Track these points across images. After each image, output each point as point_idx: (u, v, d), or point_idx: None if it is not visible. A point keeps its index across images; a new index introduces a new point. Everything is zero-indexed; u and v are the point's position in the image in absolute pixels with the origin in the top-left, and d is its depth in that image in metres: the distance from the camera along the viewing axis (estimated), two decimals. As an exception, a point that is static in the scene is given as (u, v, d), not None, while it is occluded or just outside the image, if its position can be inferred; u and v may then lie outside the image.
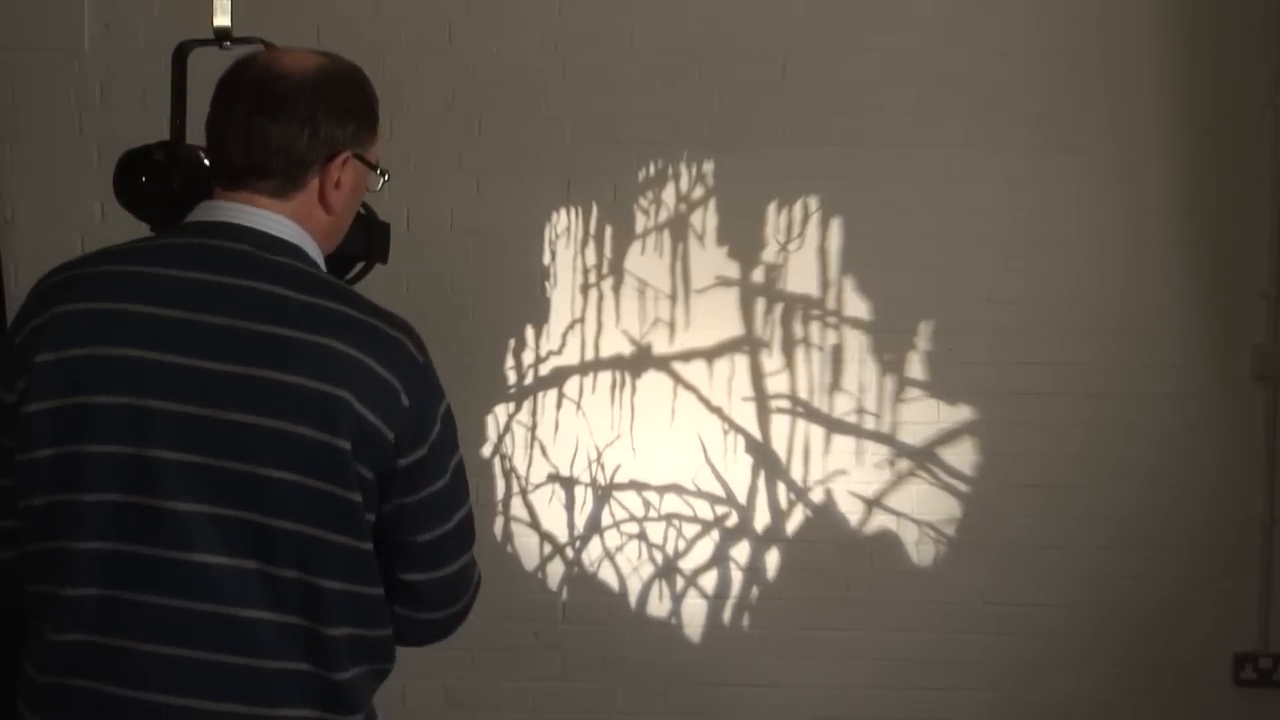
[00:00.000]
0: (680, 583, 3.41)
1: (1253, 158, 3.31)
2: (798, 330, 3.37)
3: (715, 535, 3.40)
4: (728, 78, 3.33)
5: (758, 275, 3.37)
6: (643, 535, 3.40)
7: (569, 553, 3.40)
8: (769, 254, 3.36)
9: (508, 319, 3.38)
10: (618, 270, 3.37)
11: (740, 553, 3.40)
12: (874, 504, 3.38)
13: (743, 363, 3.38)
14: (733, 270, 3.37)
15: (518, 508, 3.40)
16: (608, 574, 3.40)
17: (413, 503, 1.47)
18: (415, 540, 1.49)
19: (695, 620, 3.41)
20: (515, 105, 3.35)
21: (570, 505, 3.40)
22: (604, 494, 3.39)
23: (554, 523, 3.40)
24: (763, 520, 3.39)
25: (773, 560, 3.39)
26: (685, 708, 3.40)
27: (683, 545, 3.40)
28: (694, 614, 3.41)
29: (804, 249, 3.36)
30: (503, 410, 3.39)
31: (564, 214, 3.37)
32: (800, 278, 3.36)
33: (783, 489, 3.38)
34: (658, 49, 3.33)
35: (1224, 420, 3.33)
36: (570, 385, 3.39)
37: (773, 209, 3.36)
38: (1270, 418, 3.33)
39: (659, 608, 3.41)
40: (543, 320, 3.39)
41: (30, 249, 3.30)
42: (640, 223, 3.37)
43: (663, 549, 3.40)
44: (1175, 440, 3.33)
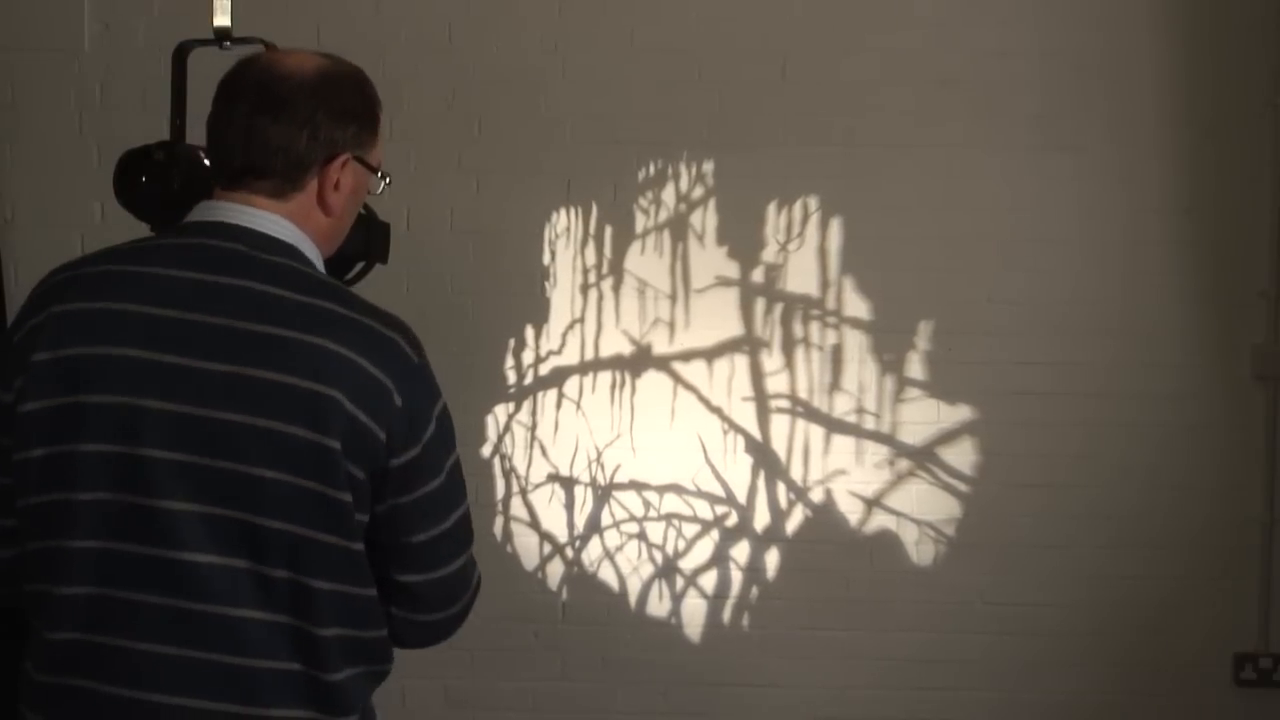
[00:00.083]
0: (680, 583, 3.41)
1: (1253, 158, 3.31)
2: (798, 330, 3.37)
3: (715, 535, 3.40)
4: (728, 78, 3.33)
5: (758, 275, 3.37)
6: (642, 535, 3.40)
7: (569, 553, 3.40)
8: (769, 254, 3.37)
9: (508, 319, 3.38)
10: (618, 270, 3.37)
11: (740, 553, 3.40)
12: (874, 504, 3.38)
13: (742, 363, 3.38)
14: (733, 270, 3.37)
15: (517, 508, 3.40)
16: (607, 574, 3.40)
17: (407, 503, 1.47)
18: (410, 541, 1.49)
19: (695, 620, 3.41)
20: (515, 105, 3.35)
21: (570, 505, 3.40)
22: (604, 494, 3.39)
23: (554, 523, 3.40)
24: (762, 520, 3.39)
25: (772, 560, 3.39)
26: (685, 708, 3.40)
27: (682, 545, 3.40)
28: (694, 614, 3.41)
29: (804, 249, 3.36)
30: (502, 410, 3.39)
31: (564, 214, 3.37)
32: (800, 278, 3.37)
33: (782, 489, 3.38)
34: (658, 49, 3.33)
35: (1224, 420, 3.33)
36: (570, 385, 3.39)
37: (773, 209, 3.36)
38: (1270, 418, 3.33)
39: (659, 608, 3.41)
40: (543, 320, 3.39)
41: (30, 249, 3.31)
42: (640, 223, 3.37)
43: (662, 549, 3.40)
44: (1175, 440, 3.33)
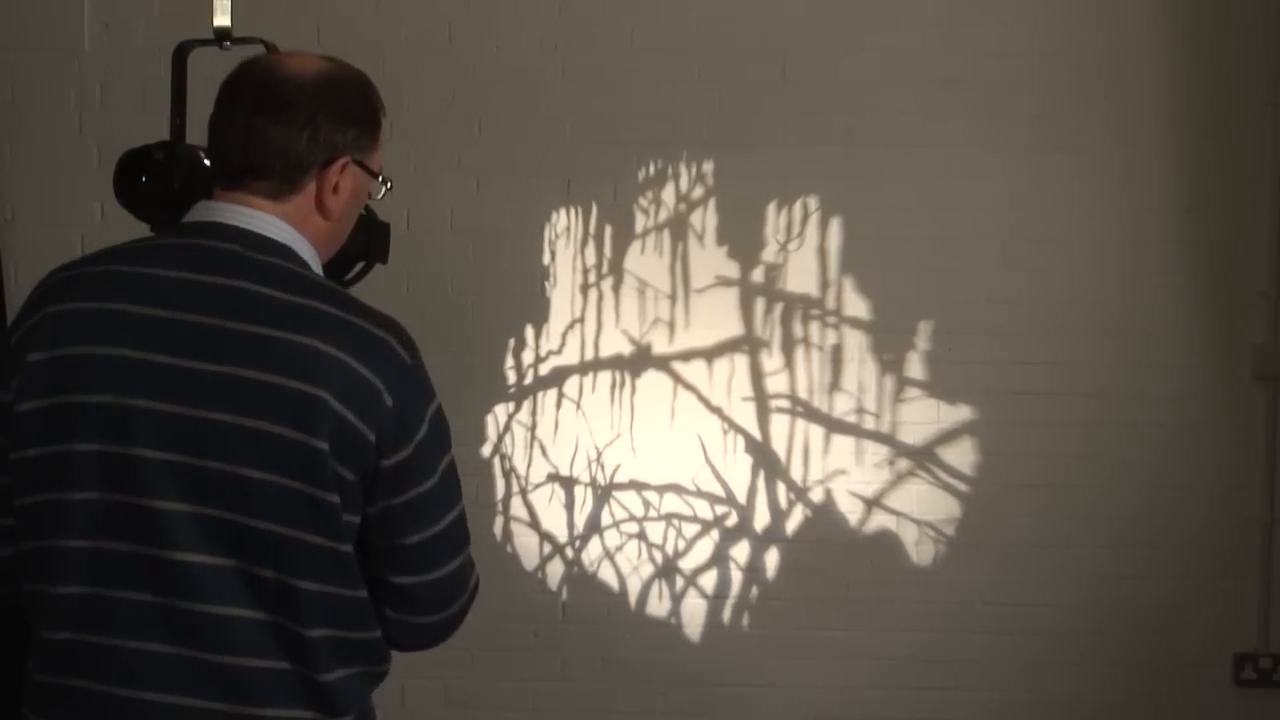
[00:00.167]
0: (680, 582, 3.41)
1: (1253, 158, 3.31)
2: (797, 330, 3.37)
3: (715, 535, 3.40)
4: (728, 78, 3.33)
5: (757, 275, 3.37)
6: (642, 535, 3.40)
7: (569, 553, 3.40)
8: (769, 254, 3.37)
9: (508, 319, 3.38)
10: (617, 270, 3.37)
11: (740, 553, 3.40)
12: (874, 504, 3.38)
13: (742, 363, 3.38)
14: (732, 270, 3.37)
15: (518, 508, 3.40)
16: (607, 574, 3.40)
17: (399, 504, 1.46)
18: (403, 543, 1.48)
19: (695, 620, 3.41)
20: (515, 105, 3.35)
21: (570, 505, 3.40)
22: (604, 494, 3.39)
23: (554, 523, 3.40)
24: (762, 520, 3.39)
25: (772, 560, 3.39)
26: (685, 708, 3.40)
27: (682, 545, 3.40)
28: (694, 614, 3.41)
29: (804, 249, 3.36)
30: (502, 410, 3.39)
31: (564, 214, 3.37)
32: (800, 278, 3.36)
33: (782, 489, 3.38)
34: (658, 49, 3.33)
35: (1224, 420, 3.33)
36: (570, 385, 3.39)
37: (772, 209, 3.36)
38: (1270, 418, 3.33)
39: (659, 608, 3.41)
40: (543, 320, 3.39)
41: (30, 249, 3.30)
42: (640, 223, 3.37)
43: (662, 549, 3.40)
44: (1175, 440, 3.33)
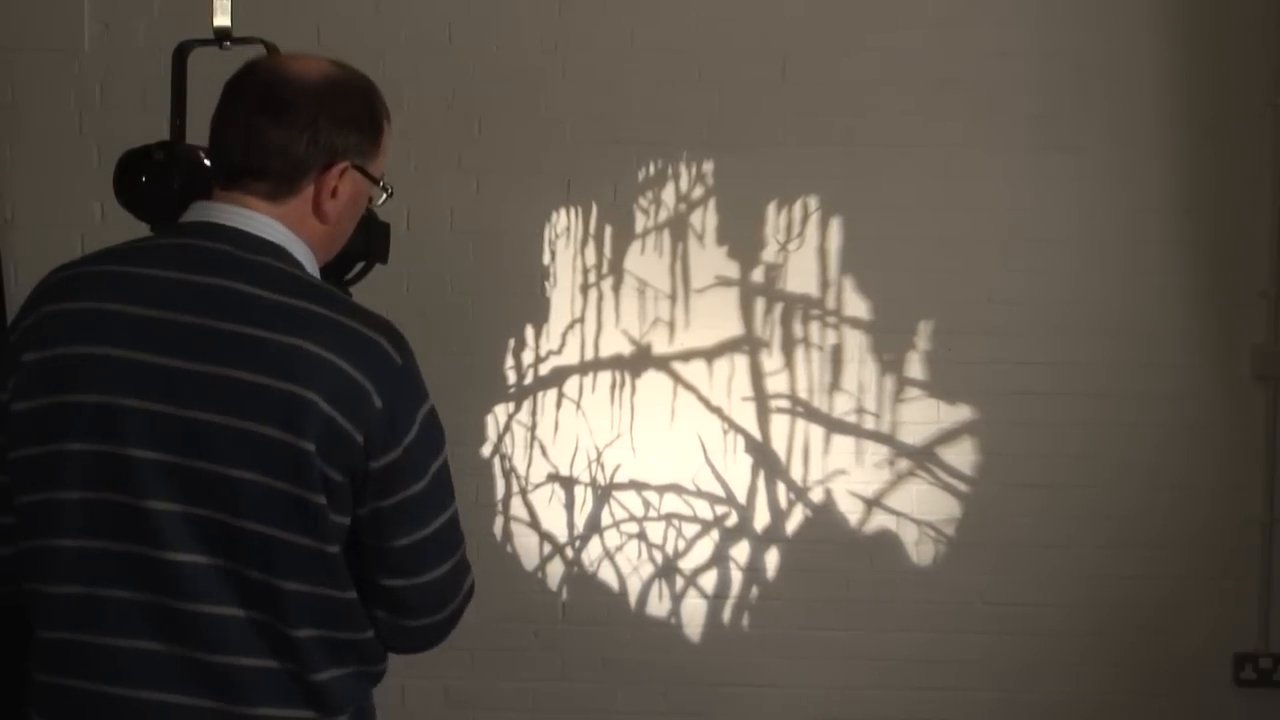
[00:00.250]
0: (680, 583, 3.41)
1: (1253, 158, 3.31)
2: (797, 330, 3.37)
3: (715, 535, 3.40)
4: (727, 78, 3.33)
5: (757, 275, 3.37)
6: (642, 535, 3.40)
7: (569, 553, 3.40)
8: (769, 254, 3.37)
9: (508, 319, 3.38)
10: (617, 270, 3.37)
11: (740, 553, 3.40)
12: (874, 504, 3.38)
13: (742, 363, 3.38)
14: (732, 270, 3.37)
15: (518, 508, 3.40)
16: (607, 574, 3.40)
17: (388, 506, 1.45)
18: (393, 545, 1.46)
19: (695, 620, 3.41)
20: (515, 105, 3.35)
21: (570, 505, 3.40)
22: (604, 494, 3.39)
23: (554, 523, 3.40)
24: (762, 520, 3.39)
25: (772, 560, 3.39)
26: (685, 708, 3.40)
27: (682, 545, 3.40)
28: (694, 614, 3.41)
29: (804, 249, 3.36)
30: (502, 410, 3.39)
31: (564, 214, 3.37)
32: (800, 278, 3.37)
33: (782, 489, 3.38)
34: (658, 49, 3.33)
35: (1224, 420, 3.33)
36: (570, 385, 3.39)
37: (772, 209, 3.36)
38: (1270, 418, 3.33)
39: (659, 608, 3.41)
40: (543, 320, 3.39)
41: (30, 249, 3.31)
42: (640, 223, 3.37)
43: (662, 549, 3.40)
44: (1175, 440, 3.33)
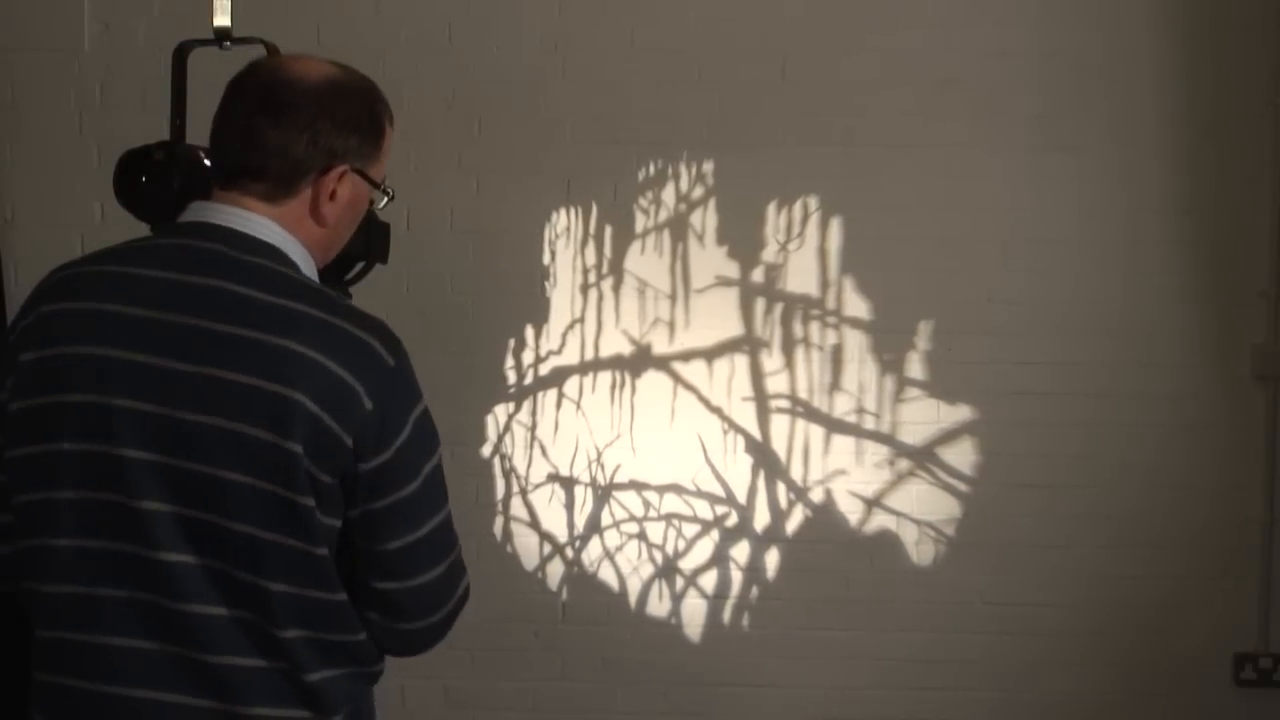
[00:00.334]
0: (680, 583, 3.41)
1: (1253, 158, 3.31)
2: (798, 330, 3.37)
3: (715, 535, 3.40)
4: (727, 78, 3.33)
5: (758, 275, 3.37)
6: (642, 535, 3.40)
7: (569, 553, 3.40)
8: (769, 254, 3.36)
9: (508, 319, 3.38)
10: (617, 270, 3.37)
11: (740, 553, 3.40)
12: (874, 504, 3.38)
13: (742, 363, 3.38)
14: (733, 270, 3.37)
15: (518, 508, 3.40)
16: (607, 574, 3.40)
17: (379, 509, 1.44)
18: (385, 548, 1.46)
19: (695, 620, 3.41)
20: (515, 105, 3.34)
21: (570, 505, 3.40)
22: (604, 494, 3.39)
23: (554, 523, 3.40)
24: (762, 520, 3.39)
25: (772, 560, 3.39)
26: (685, 708, 3.40)
27: (682, 545, 3.40)
28: (694, 614, 3.41)
29: (804, 249, 3.36)
30: (503, 410, 3.39)
31: (564, 214, 3.37)
32: (800, 278, 3.36)
33: (782, 489, 3.38)
34: (658, 49, 3.33)
35: (1224, 420, 3.33)
36: (570, 385, 3.39)
37: (772, 209, 3.36)
38: (1270, 418, 3.33)
39: (659, 608, 3.41)
40: (543, 320, 3.39)
41: (30, 249, 3.30)
42: (640, 222, 3.37)
43: (662, 549, 3.40)
44: (1175, 440, 3.33)
